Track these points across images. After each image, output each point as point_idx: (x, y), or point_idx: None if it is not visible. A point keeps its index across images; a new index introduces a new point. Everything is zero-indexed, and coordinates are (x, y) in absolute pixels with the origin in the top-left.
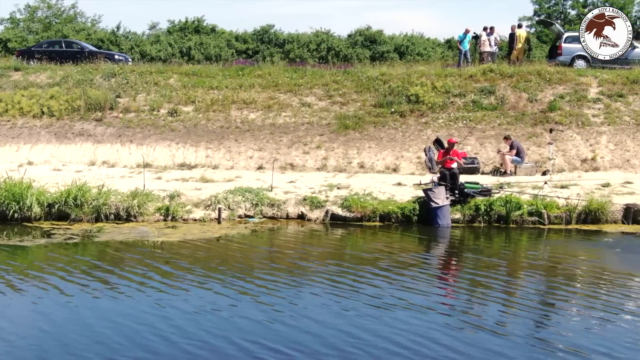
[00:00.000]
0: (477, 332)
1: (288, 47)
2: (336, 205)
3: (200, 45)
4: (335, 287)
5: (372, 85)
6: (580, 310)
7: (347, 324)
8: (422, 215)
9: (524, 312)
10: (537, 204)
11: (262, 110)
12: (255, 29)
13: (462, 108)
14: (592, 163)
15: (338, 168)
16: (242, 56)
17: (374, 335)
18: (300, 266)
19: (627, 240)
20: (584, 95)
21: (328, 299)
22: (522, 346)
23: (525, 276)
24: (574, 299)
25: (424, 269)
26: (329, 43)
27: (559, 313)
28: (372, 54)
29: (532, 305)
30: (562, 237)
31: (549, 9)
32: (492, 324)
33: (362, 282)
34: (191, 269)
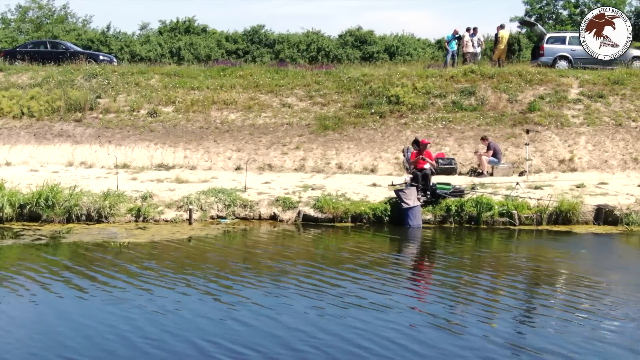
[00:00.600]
0: (435, 332)
1: (278, 48)
2: (308, 206)
3: (190, 46)
4: (301, 287)
5: (353, 86)
6: (539, 310)
7: (307, 324)
8: (393, 216)
9: (486, 312)
10: (508, 204)
11: (242, 110)
12: (246, 29)
13: (442, 109)
14: (569, 164)
15: (316, 169)
16: (232, 56)
17: (332, 335)
18: (267, 266)
19: (594, 240)
20: (564, 96)
21: (293, 299)
22: (478, 346)
23: (491, 277)
24: (535, 300)
25: (391, 270)
26: (319, 43)
27: (518, 313)
28: (363, 55)
29: (495, 306)
30: (531, 237)
31: (540, 9)
32: (452, 324)
33: (329, 282)
34: (155, 269)
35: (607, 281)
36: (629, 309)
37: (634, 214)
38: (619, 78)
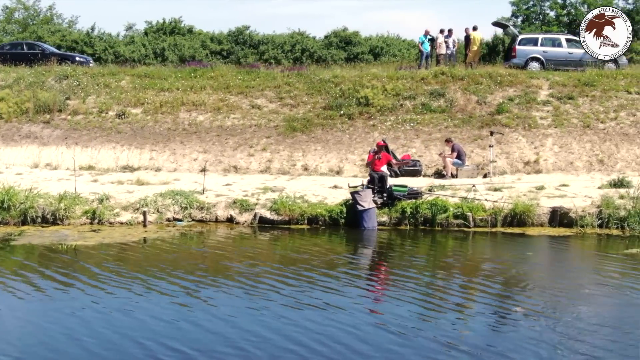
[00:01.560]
0: (381, 332)
1: (262, 49)
2: (265, 209)
3: (175, 46)
4: (253, 288)
5: (324, 88)
6: (479, 311)
7: (255, 324)
8: (349, 218)
9: (433, 312)
10: (462, 207)
11: (211, 112)
12: (230, 30)
13: (411, 110)
14: (534, 165)
15: (282, 170)
16: (216, 57)
17: (279, 335)
18: (214, 269)
19: (544, 243)
20: (533, 97)
21: (243, 300)
22: (420, 345)
23: (438, 278)
24: (474, 301)
25: (342, 271)
26: (303, 44)
27: (461, 313)
28: (348, 55)
29: (441, 305)
30: (483, 240)
31: (527, 10)
32: (399, 324)
33: (280, 283)
34: (95, 272)
35: (543, 282)
36: (561, 309)
37: (589, 216)
38: (590, 80)
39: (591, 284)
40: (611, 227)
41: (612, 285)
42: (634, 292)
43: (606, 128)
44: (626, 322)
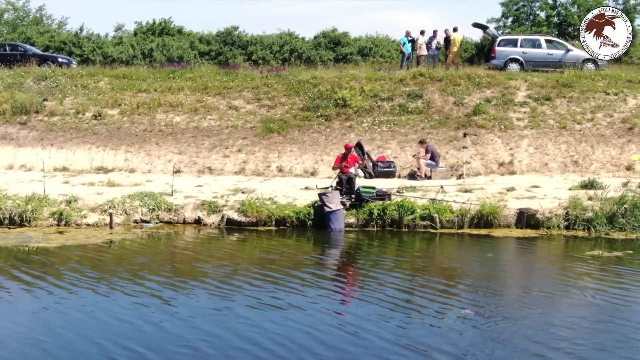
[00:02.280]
0: (339, 332)
1: (251, 49)
2: (233, 210)
3: (163, 47)
4: (216, 288)
5: (302, 89)
6: (434, 311)
7: (213, 324)
8: (317, 219)
9: (392, 313)
10: (430, 208)
11: (188, 113)
12: (219, 30)
13: (388, 112)
14: (509, 167)
15: (256, 172)
16: (204, 58)
17: (236, 335)
18: (179, 269)
19: (507, 244)
20: (510, 98)
21: (204, 301)
22: (374, 346)
23: (400, 279)
24: (433, 301)
25: (307, 272)
26: (292, 45)
27: (418, 313)
28: (336, 56)
29: (399, 305)
30: (448, 241)
31: (517, 11)
32: (356, 324)
33: (244, 284)
34: (53, 273)
35: (499, 284)
36: (512, 310)
37: (555, 218)
38: (568, 81)
39: (547, 285)
40: (577, 228)
41: (568, 285)
42: (588, 292)
43: (582, 129)
44: (577, 322)
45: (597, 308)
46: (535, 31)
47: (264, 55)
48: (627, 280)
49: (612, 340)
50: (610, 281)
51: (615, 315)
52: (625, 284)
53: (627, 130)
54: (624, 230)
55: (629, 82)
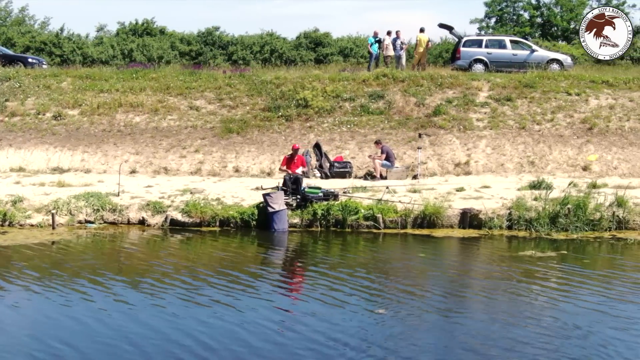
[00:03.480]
0: (263, 330)
1: (232, 49)
2: (177, 211)
3: (143, 47)
4: (150, 286)
5: (265, 89)
6: (345, 309)
7: (136, 322)
8: (261, 220)
9: (330, 311)
10: (373, 209)
11: (148, 113)
12: (200, 30)
13: (349, 112)
14: (465, 167)
15: (212, 172)
16: (185, 58)
17: (158, 332)
18: (114, 268)
19: (445, 244)
20: (472, 99)
21: (133, 299)
22: (310, 344)
23: (331, 277)
24: (347, 300)
25: (243, 272)
26: (272, 45)
27: (337, 312)
28: (317, 56)
29: (335, 304)
30: (388, 241)
31: (500, 11)
32: (281, 322)
33: (178, 282)
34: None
35: (421, 283)
36: (429, 309)
37: (497, 218)
38: (531, 81)
39: (469, 284)
40: (519, 228)
41: (488, 285)
42: (510, 292)
43: (541, 130)
44: (486, 320)
45: (513, 306)
46: (518, 31)
47: (244, 55)
48: (550, 280)
49: (526, 335)
50: (535, 280)
51: (534, 313)
52: (548, 283)
53: (587, 131)
54: (566, 231)
55: (592, 83)
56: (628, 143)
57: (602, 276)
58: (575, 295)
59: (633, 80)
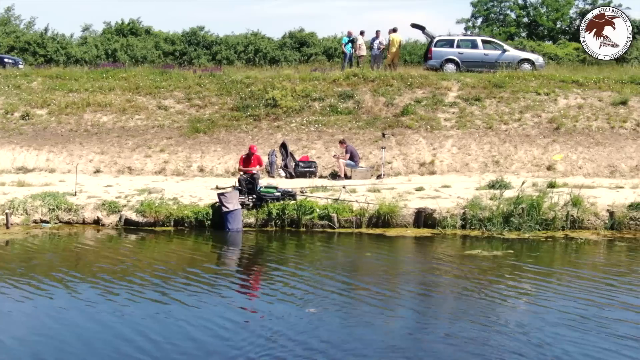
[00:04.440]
0: (205, 327)
1: (216, 49)
2: (132, 211)
3: (127, 47)
4: (91, 287)
5: (234, 89)
6: (280, 309)
7: (84, 319)
8: (215, 219)
9: (270, 309)
10: (328, 208)
11: (116, 113)
12: (184, 30)
13: (318, 112)
14: (429, 167)
15: (177, 172)
16: (169, 58)
17: (109, 330)
18: (60, 267)
19: (393, 244)
20: (441, 99)
21: (78, 298)
22: (250, 341)
23: (279, 276)
24: (285, 298)
25: (189, 272)
26: (257, 45)
27: (293, 310)
28: (301, 56)
29: (271, 302)
30: (341, 240)
31: (486, 11)
32: (222, 320)
33: (124, 281)
34: None
35: (357, 283)
36: (357, 309)
37: (451, 218)
38: (500, 81)
39: (405, 282)
40: (473, 228)
41: (424, 283)
42: (442, 292)
43: (508, 129)
44: (428, 320)
45: (444, 304)
46: (503, 31)
47: (228, 55)
48: (487, 278)
49: (460, 331)
50: (472, 278)
51: (467, 311)
52: (483, 281)
53: (553, 130)
54: (519, 230)
55: (562, 82)
56: (594, 143)
57: (540, 274)
58: (509, 292)
59: (603, 80)
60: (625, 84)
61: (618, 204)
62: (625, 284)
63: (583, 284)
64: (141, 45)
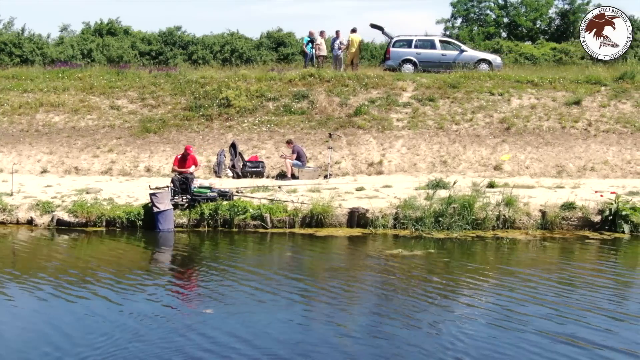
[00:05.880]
0: (118, 324)
1: (192, 49)
2: (65, 211)
3: (103, 47)
4: (15, 285)
5: (189, 89)
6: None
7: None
8: (147, 220)
9: (191, 307)
10: (261, 208)
11: (68, 113)
12: (161, 30)
13: (271, 112)
14: (378, 167)
15: (123, 172)
16: (145, 58)
17: (32, 327)
18: None
19: (321, 243)
20: (394, 99)
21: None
22: (163, 337)
23: (202, 274)
24: (184, 299)
25: (109, 271)
26: (233, 45)
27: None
28: (278, 56)
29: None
30: (273, 240)
31: (466, 11)
32: (136, 318)
33: (43, 280)
34: None
35: (275, 280)
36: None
37: (382, 218)
38: (455, 81)
39: (318, 281)
40: (403, 227)
41: (330, 282)
42: (356, 287)
43: (459, 129)
44: (341, 319)
45: (345, 302)
46: (483, 31)
47: (204, 55)
48: (396, 276)
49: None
50: (384, 276)
51: (371, 308)
52: (393, 279)
53: (504, 131)
54: (448, 230)
55: (517, 83)
56: (544, 142)
57: (452, 272)
58: (418, 291)
59: (558, 80)
60: (581, 84)
61: (550, 204)
62: (527, 282)
63: (487, 282)
64: (117, 45)
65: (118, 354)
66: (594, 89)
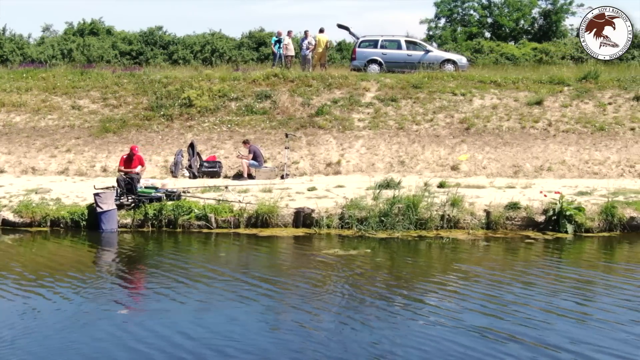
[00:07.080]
0: (59, 326)
1: (172, 49)
2: (10, 211)
3: (84, 47)
4: None
5: (152, 88)
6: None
7: None
8: (91, 220)
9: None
10: (206, 208)
11: (30, 113)
12: (142, 30)
13: (233, 112)
14: (335, 167)
15: (80, 172)
16: (125, 57)
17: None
18: None
19: (263, 243)
20: (357, 100)
21: None
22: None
23: (141, 273)
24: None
25: (44, 272)
26: (214, 45)
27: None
28: (259, 56)
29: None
30: (216, 240)
31: (449, 11)
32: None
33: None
34: None
35: (208, 279)
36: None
37: (327, 218)
38: (418, 82)
39: (244, 281)
40: (348, 227)
41: (260, 281)
42: (281, 290)
43: (419, 130)
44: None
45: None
46: (465, 31)
47: (184, 55)
48: (321, 275)
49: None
50: (312, 274)
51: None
52: (321, 277)
53: (464, 131)
54: (393, 229)
55: (480, 83)
56: (502, 143)
57: (381, 270)
58: (340, 290)
59: (522, 80)
60: (544, 84)
61: (495, 204)
62: (447, 281)
63: (417, 281)
64: (98, 45)
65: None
66: (557, 89)
